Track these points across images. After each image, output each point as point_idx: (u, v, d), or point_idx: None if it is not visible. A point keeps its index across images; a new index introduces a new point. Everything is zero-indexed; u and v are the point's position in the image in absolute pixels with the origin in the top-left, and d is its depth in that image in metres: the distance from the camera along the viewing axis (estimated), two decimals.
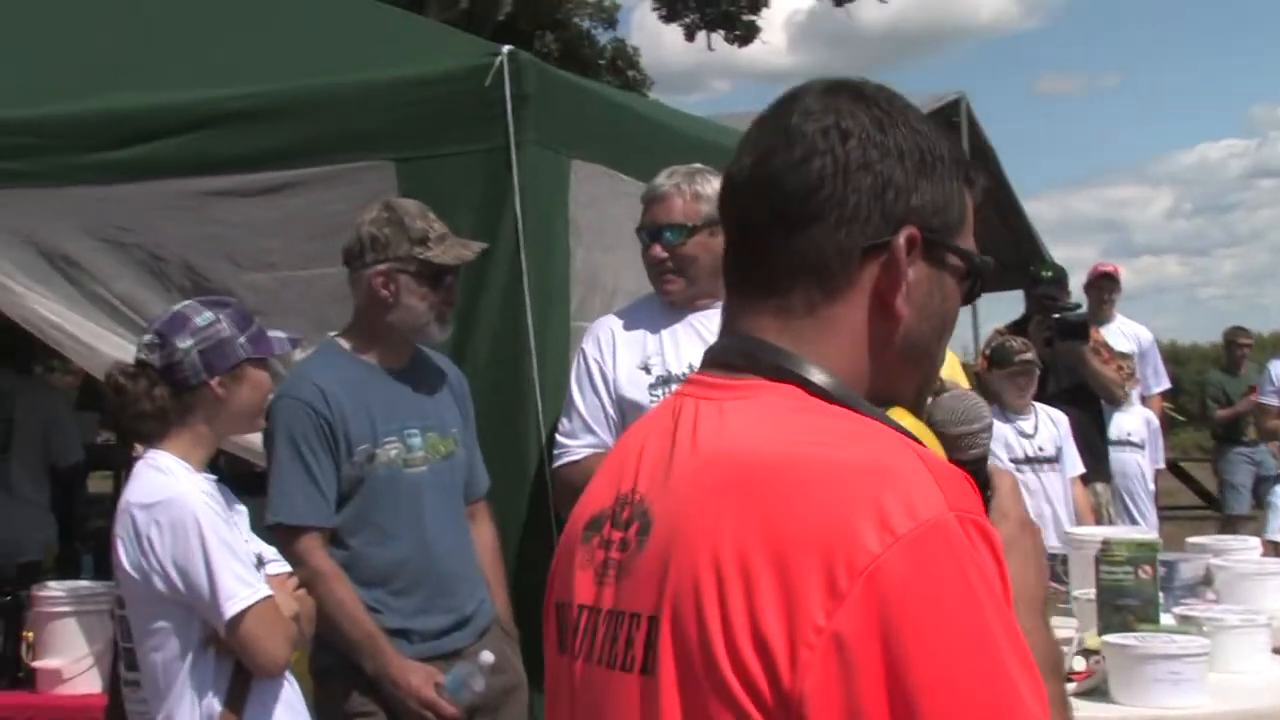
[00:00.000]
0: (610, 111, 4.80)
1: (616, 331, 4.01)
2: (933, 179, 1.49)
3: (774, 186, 1.48)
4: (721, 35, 23.80)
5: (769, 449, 1.38)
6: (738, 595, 1.30)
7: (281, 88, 4.36)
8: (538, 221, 4.15)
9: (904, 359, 1.52)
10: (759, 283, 1.51)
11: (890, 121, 1.49)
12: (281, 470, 3.67)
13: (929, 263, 1.49)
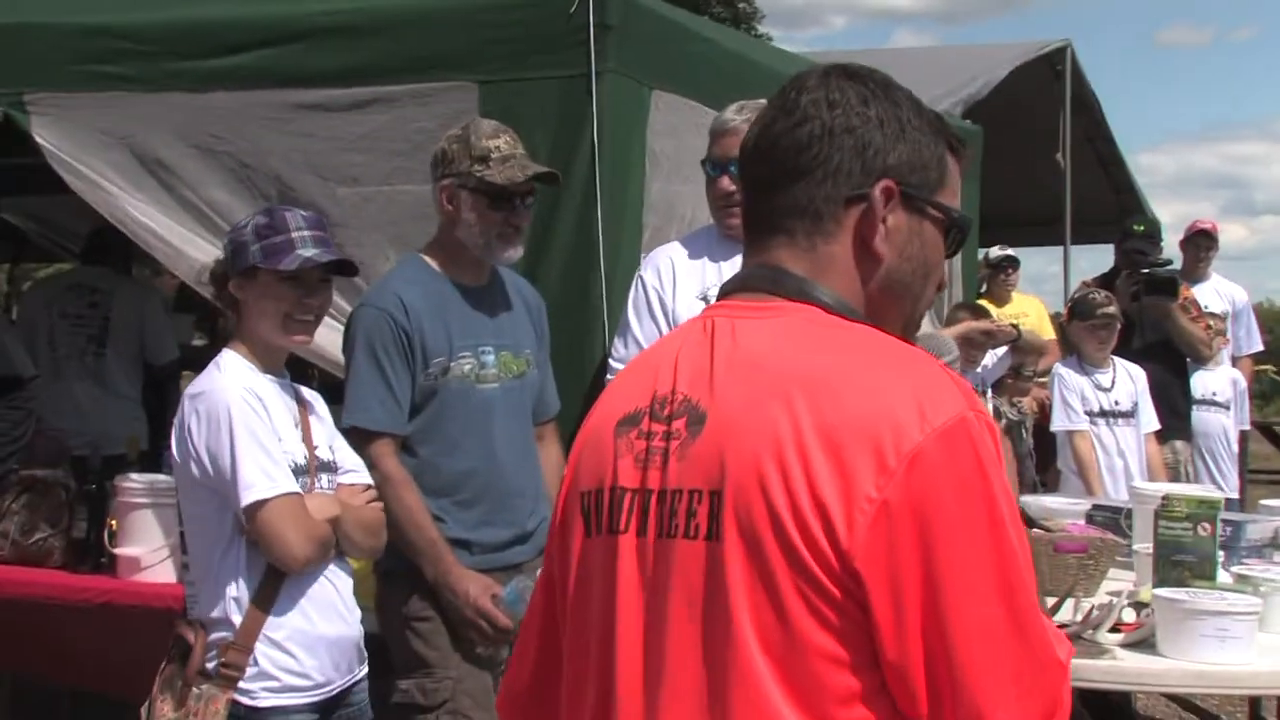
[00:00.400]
0: (694, 43, 4.84)
1: (677, 261, 4.03)
2: (910, 143, 1.78)
3: (774, 147, 1.78)
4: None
5: (813, 356, 1.68)
6: (798, 474, 1.58)
7: (371, 5, 4.46)
8: (614, 150, 4.22)
9: (886, 293, 1.80)
10: (768, 226, 1.81)
11: (873, 96, 1.78)
12: (359, 376, 3.77)
13: (908, 212, 1.77)
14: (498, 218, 3.78)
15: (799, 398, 1.62)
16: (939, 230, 1.82)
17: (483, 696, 3.80)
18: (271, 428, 3.32)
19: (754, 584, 1.60)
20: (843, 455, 1.57)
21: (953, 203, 1.83)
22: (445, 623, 3.76)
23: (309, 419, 3.50)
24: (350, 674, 3.46)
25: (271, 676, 3.27)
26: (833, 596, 1.57)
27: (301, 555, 3.26)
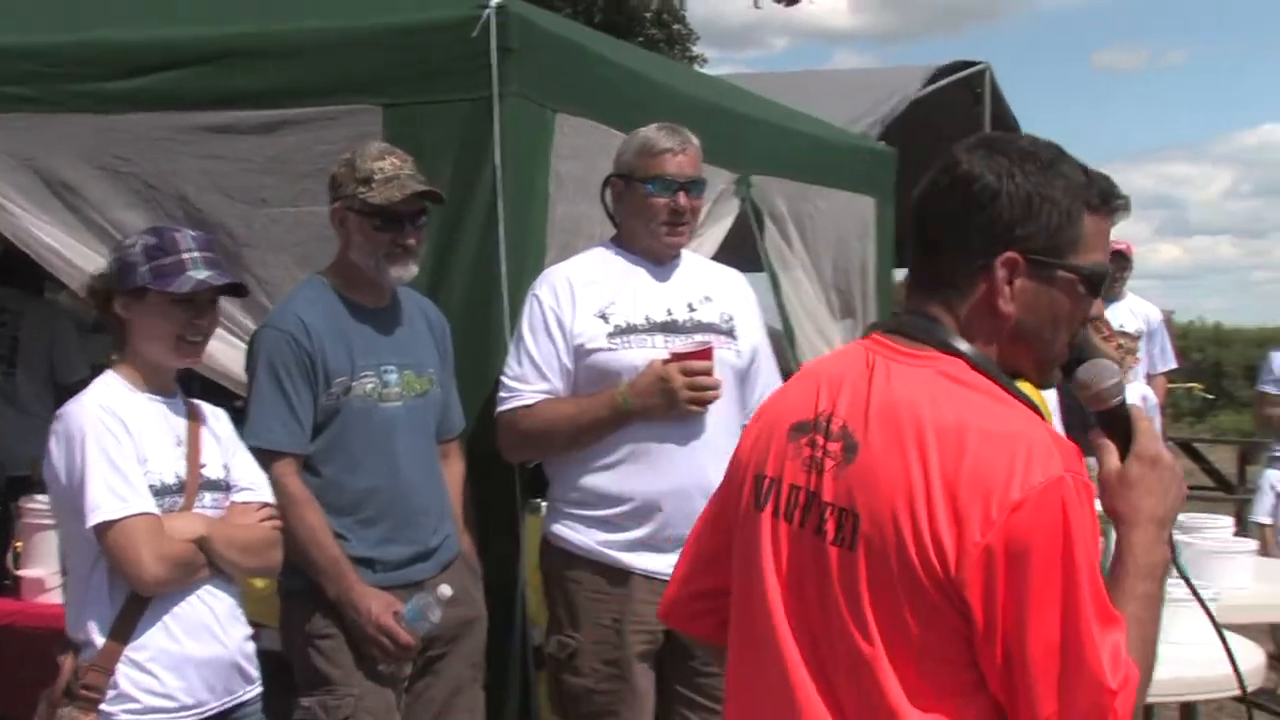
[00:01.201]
0: (598, 66, 4.91)
1: (574, 280, 4.05)
2: (1038, 214, 2.09)
3: (924, 219, 2.17)
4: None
5: (946, 412, 2.02)
6: (923, 516, 1.97)
7: (276, 28, 4.49)
8: (517, 172, 4.27)
9: (1017, 342, 2.14)
10: (925, 282, 2.18)
11: (1007, 172, 2.09)
12: (260, 397, 3.80)
13: (1033, 277, 2.10)
14: (385, 238, 3.84)
15: (931, 449, 1.99)
16: (1071, 284, 2.12)
17: (385, 713, 3.83)
18: (133, 448, 3.32)
19: (879, 591, 2.01)
20: (958, 504, 1.96)
21: (1090, 256, 2.13)
22: (348, 640, 3.79)
23: (201, 437, 3.51)
24: (229, 695, 3.46)
25: (131, 698, 3.27)
26: (944, 612, 1.97)
27: (151, 576, 3.25)
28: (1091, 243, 2.14)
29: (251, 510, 3.55)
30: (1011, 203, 2.09)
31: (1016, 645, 1.95)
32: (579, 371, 4.01)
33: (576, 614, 4.02)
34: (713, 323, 4.12)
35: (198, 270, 3.41)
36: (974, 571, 1.94)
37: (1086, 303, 2.16)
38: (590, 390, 4.00)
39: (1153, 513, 2.16)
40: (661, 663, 4.09)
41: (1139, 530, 2.14)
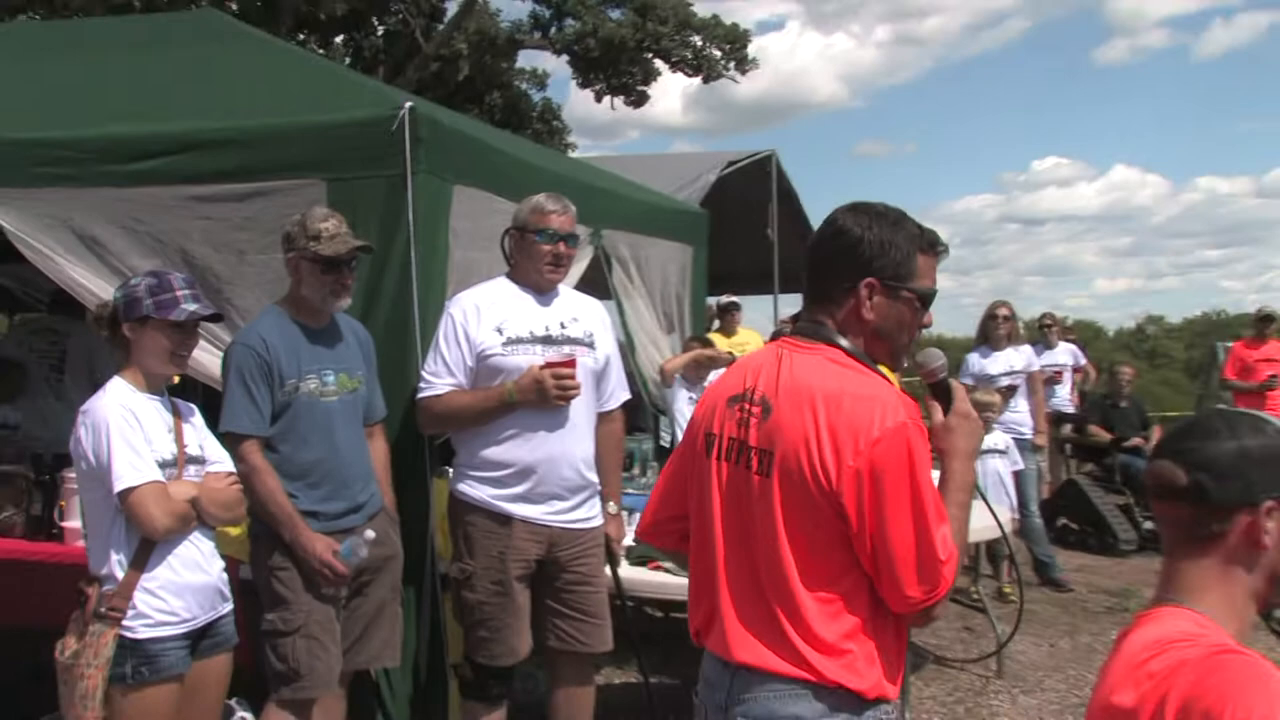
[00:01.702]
0: (486, 152, 4.84)
1: (479, 302, 4.03)
2: (888, 252, 2.29)
3: (814, 254, 2.36)
4: (621, 100, 23.71)
5: (829, 383, 2.21)
6: (815, 451, 2.16)
7: (250, 123, 4.38)
8: (425, 228, 4.21)
9: (875, 338, 2.32)
10: (814, 298, 2.35)
11: (869, 224, 2.30)
12: (231, 394, 3.73)
13: (885, 294, 2.29)
14: (330, 280, 3.82)
15: (820, 406, 2.19)
16: (912, 299, 2.32)
17: (327, 623, 3.78)
18: (143, 433, 3.29)
19: (788, 504, 2.20)
20: (838, 442, 2.15)
21: (923, 283, 2.33)
22: (300, 572, 3.73)
23: (182, 426, 3.46)
24: (213, 610, 3.43)
25: (147, 615, 3.25)
26: (829, 516, 2.16)
27: (162, 526, 3.25)
28: (923, 274, 2.33)
29: (222, 477, 3.51)
30: (870, 245, 2.29)
31: (879, 539, 2.14)
32: (479, 370, 3.99)
33: (473, 547, 4.00)
34: (578, 337, 4.12)
35: (189, 303, 3.40)
36: (849, 487, 2.14)
37: (921, 314, 2.35)
38: (486, 384, 3.99)
39: (965, 449, 2.37)
40: (536, 583, 4.07)
41: (957, 460, 2.35)
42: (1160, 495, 1.84)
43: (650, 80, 23.51)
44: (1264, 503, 1.75)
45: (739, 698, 2.27)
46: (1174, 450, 1.83)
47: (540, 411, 3.97)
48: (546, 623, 4.12)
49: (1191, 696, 1.57)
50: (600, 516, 4.20)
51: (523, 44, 23.49)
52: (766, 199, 10.06)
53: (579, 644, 4.12)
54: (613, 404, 4.31)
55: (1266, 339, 10.71)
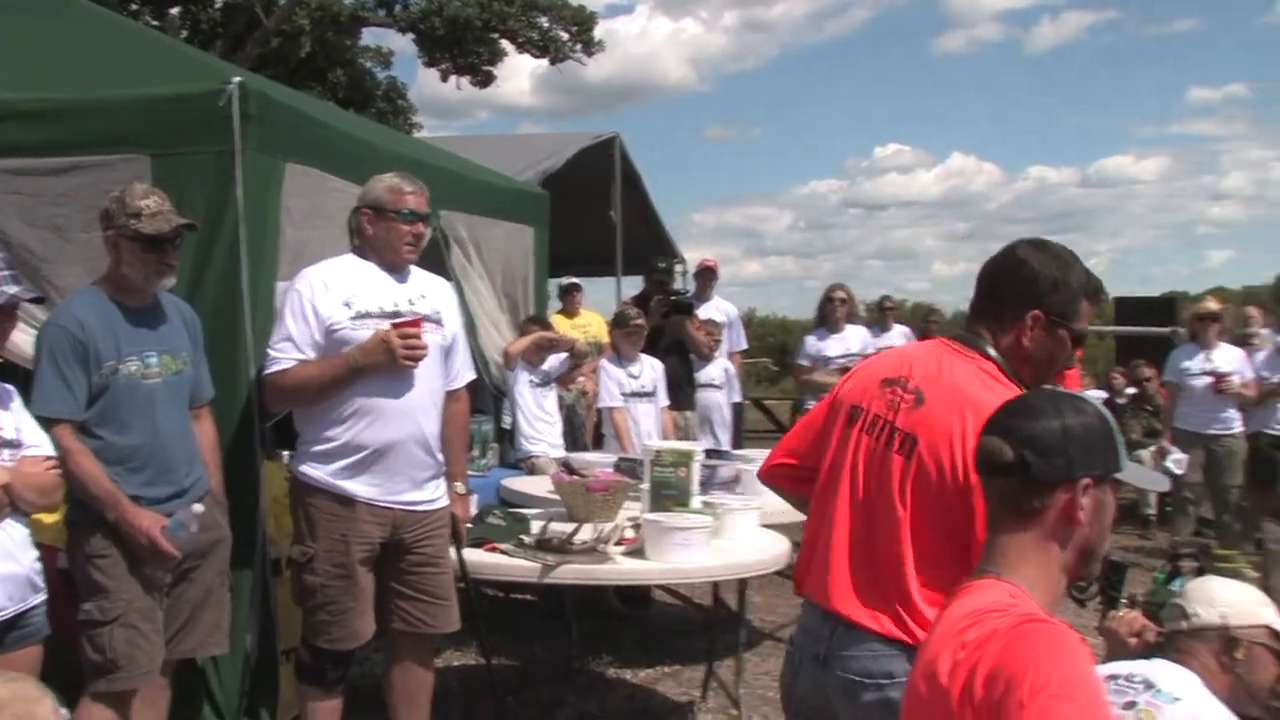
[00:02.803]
0: (320, 129, 4.74)
1: (326, 278, 3.94)
2: (1058, 291, 2.45)
3: (990, 278, 2.53)
4: (468, 80, 23.42)
5: (981, 393, 2.35)
6: (959, 449, 2.31)
7: (68, 96, 4.21)
8: (254, 207, 4.11)
9: (1028, 362, 2.47)
10: (983, 313, 2.52)
11: (1046, 262, 2.46)
12: (42, 376, 3.57)
13: (1046, 328, 2.45)
14: (152, 259, 3.67)
15: (969, 411, 2.32)
16: (1067, 337, 2.47)
17: (149, 612, 3.66)
18: None
19: (920, 488, 2.36)
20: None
21: (1080, 325, 2.49)
22: (122, 558, 3.59)
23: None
24: (23, 601, 3.28)
25: None
26: (956, 506, 2.29)
27: None
28: (1082, 316, 2.50)
29: (39, 461, 3.36)
30: (1045, 281, 2.45)
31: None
32: (328, 344, 3.89)
33: (315, 529, 3.92)
34: (427, 314, 4.04)
35: (9, 285, 3.29)
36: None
37: (1072, 350, 2.53)
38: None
39: None
40: (379, 565, 4.01)
41: None
42: (987, 470, 1.92)
43: (496, 61, 23.26)
44: (1081, 480, 1.84)
45: (839, 653, 2.45)
46: (1002, 427, 1.91)
47: (386, 391, 3.90)
48: (390, 605, 4.06)
49: (999, 664, 1.63)
50: (446, 497, 4.16)
51: (367, 21, 23.00)
52: (611, 181, 10.10)
53: (425, 625, 4.08)
54: (458, 383, 4.27)
55: None
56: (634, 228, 10.80)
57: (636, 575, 4.40)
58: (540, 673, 5.66)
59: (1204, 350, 8.60)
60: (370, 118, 18.14)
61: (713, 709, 5.23)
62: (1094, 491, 1.85)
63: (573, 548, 4.25)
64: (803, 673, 2.58)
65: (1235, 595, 2.67)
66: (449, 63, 22.96)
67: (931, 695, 1.74)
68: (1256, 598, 2.68)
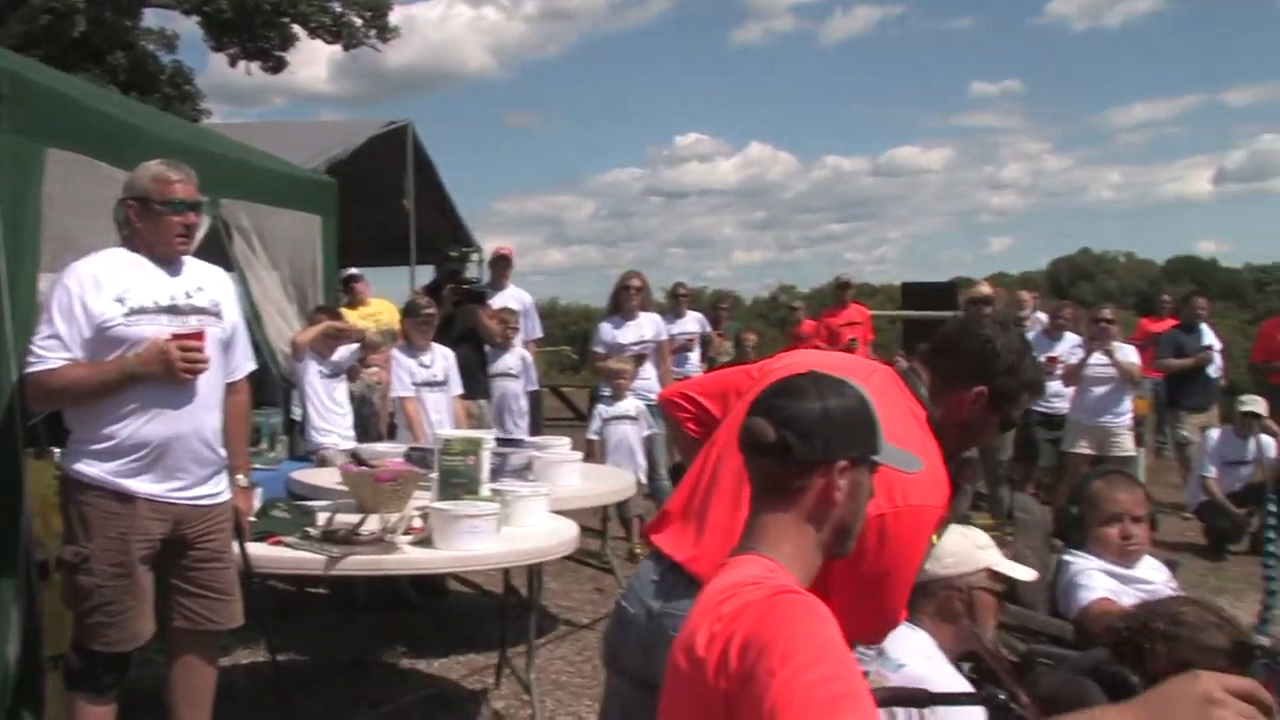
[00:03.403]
0: (86, 113, 4.53)
1: (97, 273, 3.76)
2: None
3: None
4: (258, 65, 22.72)
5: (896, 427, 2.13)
6: None
7: None
8: (11, 193, 3.91)
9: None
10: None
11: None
12: None
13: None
14: None
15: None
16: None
17: None
18: None
19: None
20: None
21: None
22: None
23: None
24: None
25: None
26: None
27: None
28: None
29: None
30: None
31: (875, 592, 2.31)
32: (100, 341, 3.71)
33: (89, 529, 3.75)
34: (204, 307, 3.93)
35: None
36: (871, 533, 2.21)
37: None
38: (106, 357, 3.73)
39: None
40: (159, 563, 3.88)
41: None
42: (750, 450, 1.94)
43: (288, 46, 22.66)
44: (839, 462, 1.89)
45: (671, 610, 2.35)
46: (766, 408, 1.93)
47: (165, 387, 3.76)
48: (172, 602, 3.94)
49: (751, 635, 1.67)
50: (229, 491, 4.06)
51: (149, 1, 22.09)
52: (404, 169, 9.98)
53: (207, 622, 3.97)
54: (239, 375, 4.17)
55: (846, 304, 11.60)
56: (429, 216, 10.70)
57: (424, 564, 4.37)
58: (332, 667, 5.58)
59: None
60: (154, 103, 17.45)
61: (505, 695, 5.25)
62: (851, 473, 1.90)
63: (359, 538, 4.20)
64: (631, 627, 2.50)
65: (955, 544, 2.79)
66: (238, 47, 22.28)
67: (690, 667, 1.78)
68: (975, 542, 2.82)
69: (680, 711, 1.79)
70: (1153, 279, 61.71)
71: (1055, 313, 9.92)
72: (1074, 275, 72.74)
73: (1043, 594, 3.61)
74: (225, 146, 6.15)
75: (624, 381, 8.00)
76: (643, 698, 2.41)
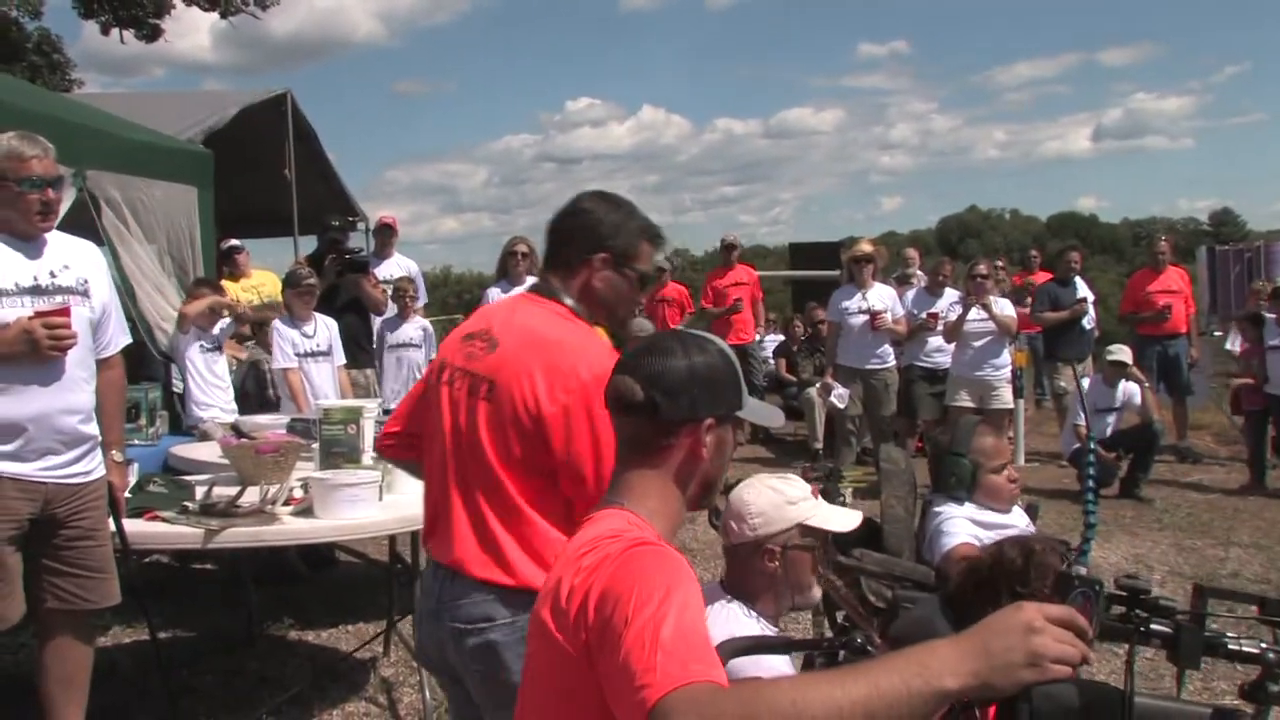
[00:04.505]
0: None
1: None
2: (620, 234, 2.63)
3: (555, 228, 2.70)
4: (132, 33, 21.98)
5: (551, 331, 2.54)
6: (531, 383, 2.46)
7: None
8: None
9: (598, 305, 2.64)
10: (552, 264, 2.67)
11: (608, 210, 2.66)
12: None
13: (613, 269, 2.63)
14: None
15: (540, 349, 2.49)
16: (633, 279, 2.66)
17: None
18: None
19: (499, 425, 2.49)
20: (553, 379, 2.45)
21: (642, 265, 2.67)
22: None
23: None
24: None
25: None
26: (535, 440, 2.45)
27: None
28: (644, 258, 2.67)
29: None
30: (607, 226, 2.62)
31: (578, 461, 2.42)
32: None
33: None
34: (71, 286, 3.84)
35: None
36: (553, 415, 2.43)
37: (639, 291, 2.71)
38: None
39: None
40: (29, 543, 3.80)
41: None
42: (618, 409, 1.95)
43: (164, 13, 21.94)
44: (705, 419, 1.91)
45: (447, 604, 2.55)
46: (632, 366, 1.94)
47: (29, 365, 3.67)
48: (43, 582, 3.86)
49: (608, 585, 1.70)
50: (103, 468, 3.99)
51: None
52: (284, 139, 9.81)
53: (81, 601, 3.90)
54: (112, 350, 4.09)
55: (732, 265, 11.72)
56: (312, 186, 10.53)
57: (305, 534, 4.33)
58: (219, 643, 5.52)
59: (860, 290, 9.20)
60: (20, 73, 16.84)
61: (394, 663, 5.25)
62: (716, 430, 1.93)
63: (238, 511, 4.16)
64: (424, 627, 2.69)
65: (764, 501, 2.74)
66: (109, 14, 21.52)
67: (554, 620, 1.80)
68: (787, 497, 2.75)
69: (546, 664, 1.81)
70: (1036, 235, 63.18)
71: (935, 270, 10.12)
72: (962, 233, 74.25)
73: (909, 541, 3.71)
74: (91, 117, 6.00)
75: None
76: (451, 687, 2.73)
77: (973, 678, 1.48)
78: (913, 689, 1.45)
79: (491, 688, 2.52)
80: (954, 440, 3.87)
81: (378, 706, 4.79)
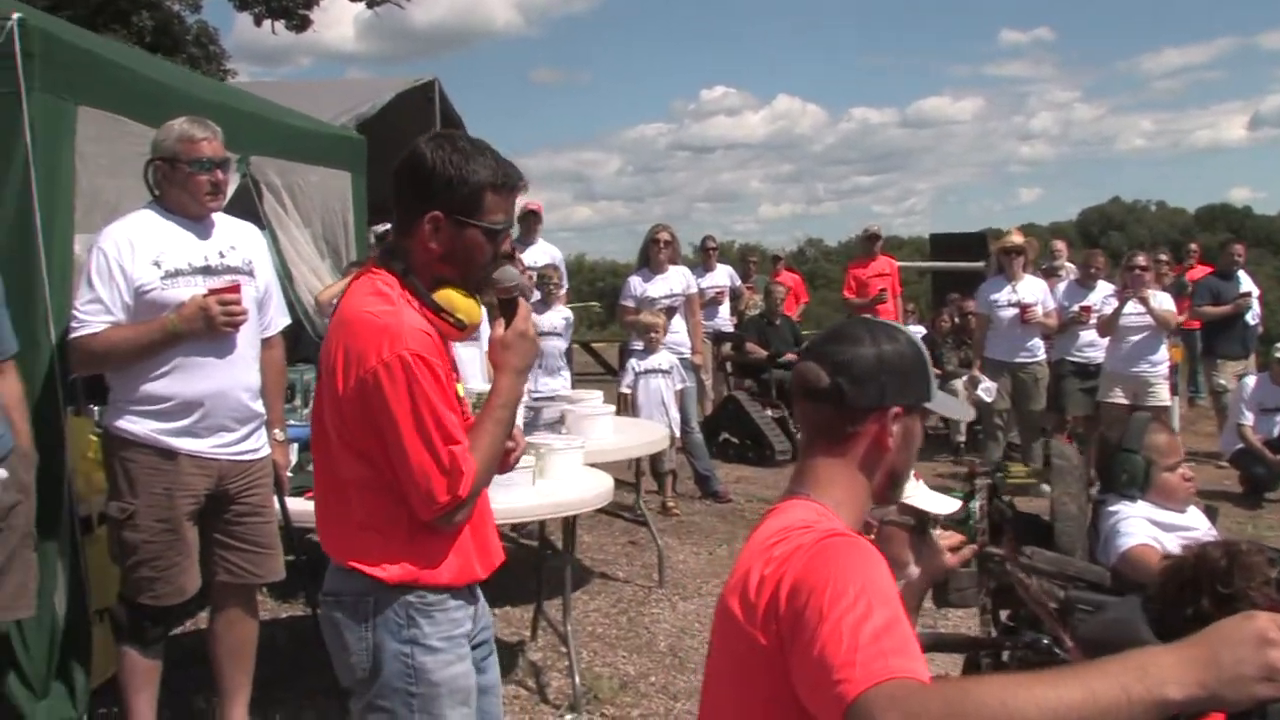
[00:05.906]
0: (114, 70, 4.49)
1: (132, 236, 3.80)
2: (455, 190, 2.37)
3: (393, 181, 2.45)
4: (283, 24, 22.61)
5: (356, 308, 2.39)
6: (335, 368, 2.37)
7: None
8: (45, 151, 3.90)
9: (443, 263, 2.43)
10: (395, 223, 2.48)
11: (444, 159, 2.37)
12: None
13: (454, 226, 2.39)
14: None
15: (342, 330, 2.38)
16: (479, 233, 2.42)
17: None
18: None
19: (330, 413, 2.42)
20: (347, 362, 2.35)
21: (490, 218, 2.41)
22: None
23: None
24: None
25: None
26: (351, 424, 2.37)
27: None
28: (492, 209, 2.41)
29: None
30: (439, 179, 2.36)
31: (393, 435, 2.33)
32: (138, 305, 3.77)
33: (135, 485, 3.83)
34: (238, 266, 3.99)
35: None
36: (360, 390, 2.33)
37: (493, 244, 2.45)
38: (146, 319, 3.78)
39: (516, 366, 2.53)
40: (203, 517, 3.96)
41: (505, 376, 2.52)
42: (803, 395, 1.92)
43: (313, 4, 22.53)
44: (892, 408, 1.87)
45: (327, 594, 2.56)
46: (819, 353, 1.92)
47: (203, 342, 3.83)
48: (215, 556, 4.02)
49: (800, 577, 1.67)
50: (268, 446, 4.11)
51: None
52: (432, 126, 9.95)
53: (250, 575, 4.05)
54: (273, 330, 4.23)
55: (875, 256, 11.53)
56: None
57: None
58: None
59: (1010, 283, 8.98)
60: (181, 64, 17.42)
61: (542, 647, 5.28)
62: (904, 419, 1.89)
63: None
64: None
65: None
66: (262, 5, 22.16)
67: (742, 610, 1.78)
68: None
69: (732, 654, 1.79)
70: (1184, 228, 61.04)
71: (1087, 262, 9.82)
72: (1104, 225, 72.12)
73: (1081, 540, 3.59)
74: (250, 104, 6.13)
75: (657, 335, 7.99)
76: None
77: (1200, 688, 1.41)
78: (1133, 696, 1.39)
79: (339, 667, 2.55)
80: (1126, 437, 3.74)
81: (526, 690, 4.83)
